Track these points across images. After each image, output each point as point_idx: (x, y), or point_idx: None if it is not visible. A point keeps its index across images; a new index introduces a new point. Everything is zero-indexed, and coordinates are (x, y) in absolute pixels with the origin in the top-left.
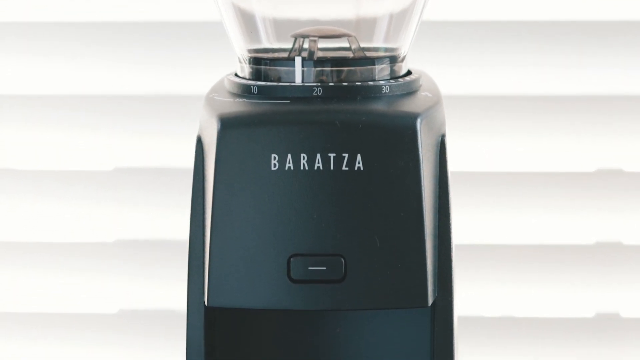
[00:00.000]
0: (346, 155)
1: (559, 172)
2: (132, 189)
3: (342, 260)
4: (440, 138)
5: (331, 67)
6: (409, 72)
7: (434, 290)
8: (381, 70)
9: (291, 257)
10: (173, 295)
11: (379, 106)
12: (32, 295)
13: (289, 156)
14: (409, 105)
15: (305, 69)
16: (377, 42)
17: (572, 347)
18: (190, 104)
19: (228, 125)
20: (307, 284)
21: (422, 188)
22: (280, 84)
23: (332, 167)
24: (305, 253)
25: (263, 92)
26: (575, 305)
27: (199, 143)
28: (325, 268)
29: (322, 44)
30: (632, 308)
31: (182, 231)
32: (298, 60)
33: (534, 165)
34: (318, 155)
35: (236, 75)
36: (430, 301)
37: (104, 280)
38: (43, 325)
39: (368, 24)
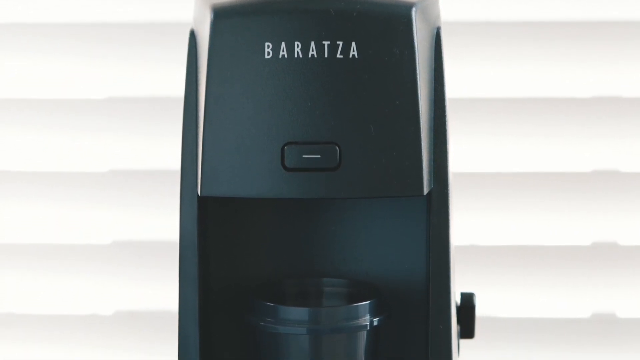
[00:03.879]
0: (340, 43)
1: (557, 99)
2: (125, 119)
3: (337, 148)
4: (435, 30)
5: None
6: None
7: (429, 180)
8: None
9: (285, 145)
10: (165, 227)
11: None
12: (25, 226)
13: (283, 44)
14: None
15: None
16: None
17: (568, 275)
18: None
19: (221, 15)
20: (301, 172)
21: (417, 76)
22: None
23: (326, 55)
24: (299, 141)
25: None
26: (572, 234)
27: (192, 36)
28: (319, 156)
29: None
30: (629, 236)
31: (175, 161)
32: None
33: (532, 92)
34: (312, 43)
35: None
36: (425, 190)
37: (97, 213)
38: (38, 256)
39: None
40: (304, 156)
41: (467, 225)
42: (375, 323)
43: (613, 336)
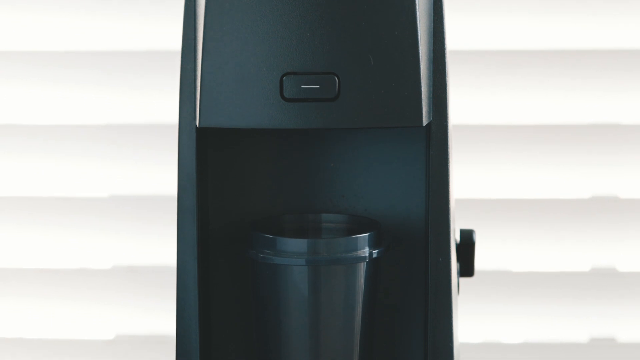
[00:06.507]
0: None
1: (557, 51)
2: (122, 74)
3: (336, 78)
4: None
5: None
6: None
7: (429, 112)
8: None
9: (284, 75)
10: (164, 181)
11: None
12: (21, 180)
13: None
14: None
15: None
16: None
17: (567, 228)
18: None
19: None
20: (300, 102)
21: (416, 7)
22: None
23: None
24: (298, 71)
25: None
26: (571, 187)
27: None
28: (318, 86)
29: None
30: (629, 189)
31: (172, 116)
32: None
33: (532, 44)
34: None
35: None
36: (425, 121)
37: (94, 166)
38: (34, 209)
39: None
40: (302, 86)
41: (464, 179)
42: (374, 255)
43: (613, 289)
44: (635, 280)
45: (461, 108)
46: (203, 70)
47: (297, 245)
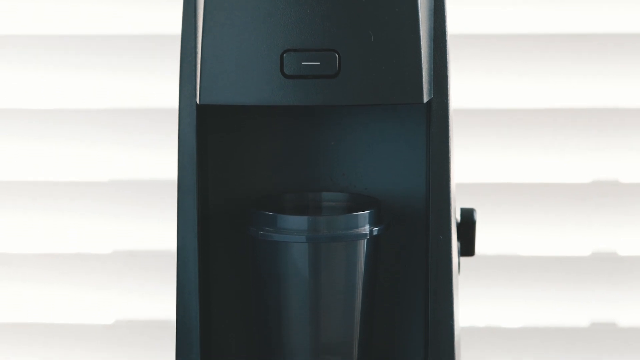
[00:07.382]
0: None
1: (557, 35)
2: (123, 57)
3: (336, 55)
4: None
5: None
6: None
7: (429, 90)
8: None
9: (284, 52)
10: (164, 166)
11: None
12: (20, 164)
13: None
14: None
15: None
16: None
17: (567, 213)
18: None
19: None
20: (300, 79)
21: None
22: None
23: None
24: (298, 48)
25: None
26: (573, 171)
27: None
28: (319, 63)
29: None
30: (630, 174)
31: (172, 101)
32: None
33: (534, 28)
34: None
35: None
36: (425, 98)
37: (93, 151)
38: (34, 194)
39: None
40: (303, 63)
41: (464, 163)
42: (374, 233)
43: (613, 273)
44: (636, 265)
45: (461, 92)
46: (203, 47)
47: (297, 222)
